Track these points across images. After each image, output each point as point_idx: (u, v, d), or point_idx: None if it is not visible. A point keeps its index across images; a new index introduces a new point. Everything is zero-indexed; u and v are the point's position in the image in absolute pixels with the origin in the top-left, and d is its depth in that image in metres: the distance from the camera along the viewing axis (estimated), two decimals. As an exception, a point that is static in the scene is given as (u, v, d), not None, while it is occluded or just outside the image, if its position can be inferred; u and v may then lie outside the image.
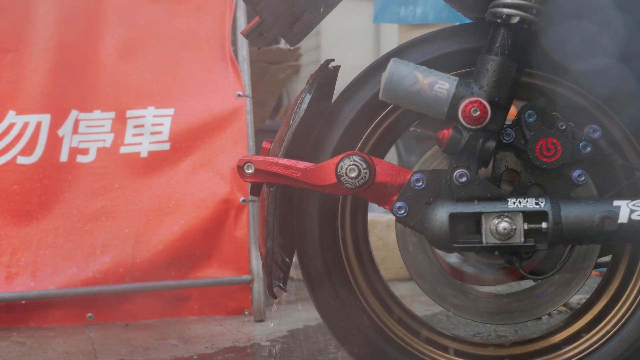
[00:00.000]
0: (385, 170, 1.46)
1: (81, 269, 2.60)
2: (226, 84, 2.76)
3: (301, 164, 1.45)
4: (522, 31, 1.42)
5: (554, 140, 1.44)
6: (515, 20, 1.41)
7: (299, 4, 1.54)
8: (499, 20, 1.42)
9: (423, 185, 1.45)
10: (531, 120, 1.45)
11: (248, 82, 2.77)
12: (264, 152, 1.52)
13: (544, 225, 1.40)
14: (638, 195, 1.43)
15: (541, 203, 1.41)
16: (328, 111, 1.57)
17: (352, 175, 1.44)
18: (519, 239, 1.41)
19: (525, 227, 1.41)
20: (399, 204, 1.46)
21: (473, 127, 1.40)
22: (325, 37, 6.42)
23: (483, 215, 1.41)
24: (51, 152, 2.66)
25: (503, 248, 1.42)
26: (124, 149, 2.70)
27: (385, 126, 1.56)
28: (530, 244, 1.41)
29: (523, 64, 1.45)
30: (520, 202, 1.42)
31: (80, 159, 2.69)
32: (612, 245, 1.58)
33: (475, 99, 1.40)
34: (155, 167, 2.70)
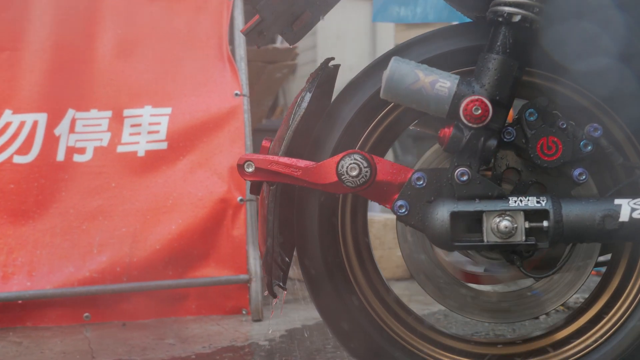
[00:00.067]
0: (386, 169, 1.46)
1: (78, 269, 2.59)
2: (224, 83, 2.76)
3: (302, 163, 1.45)
4: (524, 30, 1.42)
5: (555, 139, 1.44)
6: (516, 18, 1.41)
7: (299, 3, 1.54)
8: (500, 19, 1.42)
9: (424, 184, 1.45)
10: (532, 119, 1.45)
11: (245, 81, 2.76)
12: (264, 151, 1.51)
13: (545, 223, 1.40)
14: (638, 194, 1.43)
15: (542, 202, 1.41)
16: (328, 110, 1.56)
17: (353, 173, 1.43)
18: (520, 237, 1.41)
19: (526, 226, 1.41)
20: (400, 202, 1.45)
21: (474, 126, 1.40)
22: (322, 37, 6.42)
23: (484, 214, 1.41)
24: (48, 152, 2.65)
25: (504, 247, 1.42)
26: (121, 148, 2.69)
27: (386, 125, 1.56)
28: (531, 242, 1.41)
29: (524, 62, 1.45)
30: (521, 201, 1.41)
31: (77, 158, 2.68)
32: (612, 244, 1.58)
33: (476, 97, 1.39)
34: (153, 167, 2.69)
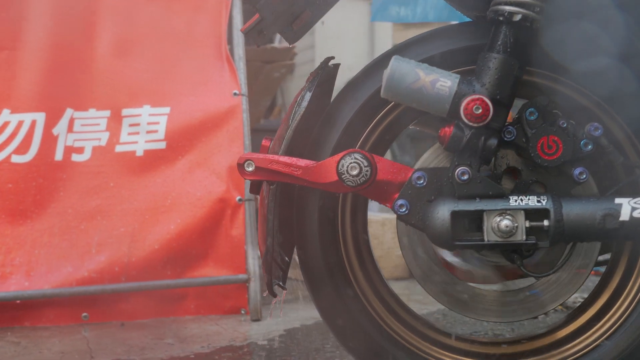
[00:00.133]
0: (386, 168, 1.46)
1: (76, 268, 2.59)
2: (222, 82, 2.76)
3: (302, 162, 1.45)
4: (524, 29, 1.42)
5: (555, 138, 1.44)
6: (517, 17, 1.41)
7: (299, 2, 1.54)
8: (501, 18, 1.42)
9: (424, 183, 1.45)
10: (532, 118, 1.45)
11: (244, 81, 2.76)
12: (264, 150, 1.51)
13: (546, 222, 1.40)
14: (639, 193, 1.43)
15: (543, 201, 1.41)
16: (328, 109, 1.56)
17: (354, 173, 1.43)
18: (520, 236, 1.40)
19: (527, 225, 1.40)
20: (400, 201, 1.45)
21: (475, 125, 1.40)
22: (320, 36, 6.41)
23: (485, 213, 1.41)
24: (46, 151, 2.65)
25: (504, 246, 1.42)
26: (119, 148, 2.69)
27: (386, 124, 1.56)
28: (531, 241, 1.41)
29: (524, 62, 1.45)
30: (522, 200, 1.41)
31: (75, 157, 2.67)
32: (612, 243, 1.58)
33: (477, 96, 1.39)
34: (151, 166, 2.69)
